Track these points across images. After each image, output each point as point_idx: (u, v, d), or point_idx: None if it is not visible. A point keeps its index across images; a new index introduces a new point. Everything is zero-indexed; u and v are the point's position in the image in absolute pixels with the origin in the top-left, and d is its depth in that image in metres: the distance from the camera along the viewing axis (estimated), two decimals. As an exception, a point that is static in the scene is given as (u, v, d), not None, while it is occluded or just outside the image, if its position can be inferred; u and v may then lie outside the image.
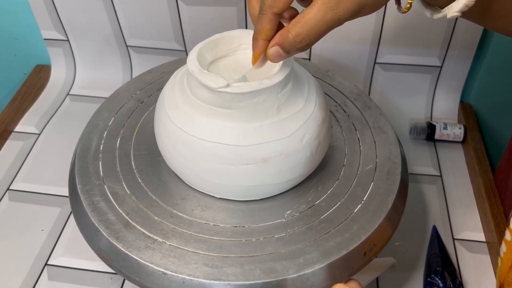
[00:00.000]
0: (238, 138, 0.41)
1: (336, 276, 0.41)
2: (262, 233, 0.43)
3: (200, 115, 0.41)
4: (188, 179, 0.46)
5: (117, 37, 0.81)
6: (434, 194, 0.68)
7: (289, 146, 0.42)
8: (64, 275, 0.58)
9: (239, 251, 0.41)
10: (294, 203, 0.46)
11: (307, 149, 0.43)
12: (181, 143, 0.42)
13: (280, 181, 0.44)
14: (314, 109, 0.44)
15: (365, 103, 0.57)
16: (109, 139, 0.51)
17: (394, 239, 0.62)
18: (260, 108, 0.41)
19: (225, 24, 0.75)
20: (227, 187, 0.44)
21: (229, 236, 0.42)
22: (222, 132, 0.41)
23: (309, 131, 0.43)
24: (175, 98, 0.44)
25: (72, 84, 0.85)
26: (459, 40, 0.73)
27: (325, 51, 0.77)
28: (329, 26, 0.34)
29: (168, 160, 0.46)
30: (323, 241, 0.42)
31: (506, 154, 0.64)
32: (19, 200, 0.66)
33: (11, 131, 0.77)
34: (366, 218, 0.44)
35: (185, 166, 0.44)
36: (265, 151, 0.41)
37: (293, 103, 0.42)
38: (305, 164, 0.44)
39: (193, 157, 0.42)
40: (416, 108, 0.80)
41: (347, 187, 0.47)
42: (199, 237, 0.42)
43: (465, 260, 0.60)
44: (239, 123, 0.41)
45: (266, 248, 0.41)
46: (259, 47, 0.37)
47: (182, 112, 0.42)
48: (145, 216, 0.44)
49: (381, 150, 0.51)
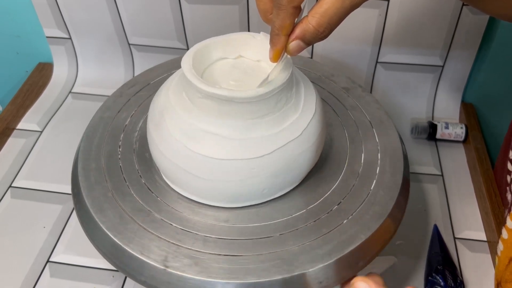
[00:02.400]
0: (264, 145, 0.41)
1: (341, 273, 0.41)
2: (271, 231, 0.43)
3: (228, 132, 0.41)
4: (206, 197, 0.45)
5: (119, 36, 0.81)
6: (435, 193, 0.68)
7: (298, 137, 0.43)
8: (65, 272, 0.58)
9: (246, 250, 0.41)
10: (297, 203, 0.46)
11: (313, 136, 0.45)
12: (201, 167, 0.41)
13: (283, 180, 0.45)
14: (313, 106, 0.45)
15: (368, 101, 0.57)
16: (111, 137, 0.51)
17: (395, 238, 0.62)
18: (279, 104, 0.42)
19: (227, 23, 0.75)
20: (250, 194, 0.44)
21: (238, 235, 0.42)
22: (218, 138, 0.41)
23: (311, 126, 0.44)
24: (192, 125, 0.42)
25: (74, 82, 0.85)
26: (460, 40, 0.73)
27: (327, 51, 0.77)
28: (348, 11, 0.35)
29: (187, 185, 0.45)
30: (324, 241, 0.42)
31: (501, 152, 0.64)
32: (21, 197, 0.67)
33: (13, 128, 0.77)
34: (368, 217, 0.44)
35: (208, 187, 0.43)
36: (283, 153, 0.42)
37: (291, 100, 0.43)
38: (315, 150, 0.45)
39: (216, 177, 0.42)
40: (418, 108, 0.80)
41: (349, 187, 0.48)
42: (206, 237, 0.42)
43: (466, 259, 0.60)
44: (271, 129, 0.41)
45: (273, 245, 0.41)
46: (280, 43, 0.37)
47: (211, 138, 0.41)
48: (147, 214, 0.44)
49: (383, 149, 0.51)
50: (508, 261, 0.42)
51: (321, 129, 0.45)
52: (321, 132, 0.45)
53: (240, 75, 0.44)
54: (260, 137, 0.41)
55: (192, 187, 0.44)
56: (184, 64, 0.42)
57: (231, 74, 0.44)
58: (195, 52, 0.43)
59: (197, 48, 0.44)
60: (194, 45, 0.44)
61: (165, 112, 0.43)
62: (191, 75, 0.40)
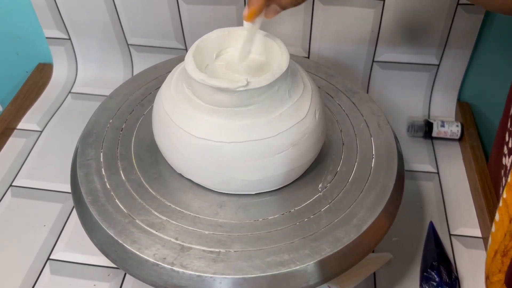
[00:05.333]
0: (266, 130, 0.42)
1: (332, 269, 0.42)
2: (265, 227, 0.44)
3: (222, 119, 0.42)
4: (213, 185, 0.46)
5: (118, 36, 0.82)
6: (431, 190, 0.69)
7: (309, 124, 0.44)
8: (65, 269, 0.59)
9: (241, 246, 0.42)
10: (292, 199, 0.47)
11: (320, 124, 0.46)
12: (208, 152, 0.42)
13: (305, 160, 0.46)
14: (311, 85, 0.46)
15: (364, 100, 0.58)
16: (110, 135, 0.52)
17: (391, 235, 0.63)
18: (276, 97, 0.42)
19: (225, 23, 0.76)
20: (263, 181, 0.45)
21: (229, 231, 0.43)
22: (248, 129, 0.42)
23: (317, 106, 0.45)
24: (186, 109, 0.43)
25: (73, 82, 0.86)
26: (456, 39, 0.73)
27: (324, 50, 0.78)
28: None
29: (192, 173, 0.46)
30: (318, 236, 0.43)
31: (494, 148, 0.64)
32: (22, 196, 0.67)
33: (14, 128, 0.78)
34: (362, 213, 0.45)
35: (214, 175, 0.44)
36: (292, 136, 0.43)
37: (296, 86, 0.45)
38: (320, 141, 0.47)
39: (224, 162, 0.43)
40: (414, 106, 0.81)
41: (343, 183, 0.48)
42: (200, 232, 0.43)
43: (461, 255, 0.61)
44: (262, 117, 0.42)
45: (264, 241, 0.42)
46: (258, 3, 0.39)
47: (207, 122, 0.42)
48: (145, 210, 0.44)
49: (378, 146, 0.52)
50: (493, 254, 0.42)
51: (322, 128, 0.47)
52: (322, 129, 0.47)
53: (242, 68, 0.46)
54: (280, 114, 0.42)
55: (197, 174, 0.45)
56: (187, 57, 0.44)
57: (232, 67, 0.46)
58: (199, 43, 0.45)
59: (203, 39, 0.46)
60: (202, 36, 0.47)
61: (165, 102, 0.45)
62: (191, 68, 0.42)
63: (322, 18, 0.73)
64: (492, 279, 0.43)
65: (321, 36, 0.76)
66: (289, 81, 0.43)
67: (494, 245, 0.42)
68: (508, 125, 0.47)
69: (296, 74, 0.45)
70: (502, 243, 0.40)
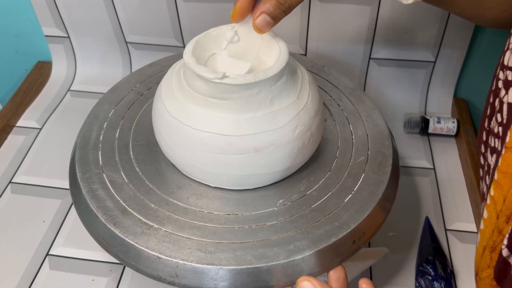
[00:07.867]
0: (231, 128, 0.42)
1: (326, 262, 0.42)
2: (254, 221, 0.44)
3: (195, 105, 0.42)
4: (184, 168, 0.47)
5: (117, 34, 0.82)
6: (427, 186, 0.69)
7: (281, 137, 0.43)
8: (64, 264, 0.60)
9: (232, 238, 0.42)
10: (286, 192, 0.47)
11: (299, 141, 0.44)
12: (176, 133, 0.44)
13: (272, 171, 0.45)
14: (307, 102, 0.45)
15: (359, 97, 0.58)
16: (109, 129, 0.53)
17: (387, 230, 0.63)
18: (254, 100, 0.42)
19: (223, 21, 0.76)
20: (220, 176, 0.45)
21: (223, 223, 0.44)
22: (216, 122, 0.42)
23: (301, 123, 0.44)
24: (171, 89, 0.45)
25: (72, 80, 0.87)
26: (452, 36, 0.74)
27: (321, 47, 0.78)
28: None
29: (164, 149, 0.47)
30: (313, 229, 0.43)
31: (477, 147, 0.65)
32: (21, 192, 0.68)
33: (13, 125, 0.78)
34: (356, 207, 0.45)
35: (181, 156, 0.45)
36: (257, 141, 0.42)
37: (286, 96, 0.43)
38: (297, 155, 0.45)
39: (188, 146, 0.43)
40: (411, 103, 0.81)
41: (339, 178, 0.49)
42: (193, 223, 0.43)
43: (457, 250, 0.62)
44: (233, 114, 0.42)
45: (258, 235, 0.42)
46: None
47: (178, 102, 0.44)
48: (141, 203, 0.45)
49: (373, 143, 0.52)
50: (482, 251, 0.43)
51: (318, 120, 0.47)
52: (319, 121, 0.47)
53: (239, 63, 0.46)
54: (252, 117, 0.42)
55: (195, 168, 0.46)
56: (186, 51, 0.44)
57: (234, 63, 0.46)
58: (198, 38, 0.45)
59: (202, 35, 0.46)
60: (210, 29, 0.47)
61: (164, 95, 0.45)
62: (186, 50, 0.43)
63: (319, 15, 0.74)
64: (482, 275, 0.43)
65: (318, 34, 0.76)
66: (275, 89, 0.42)
67: (483, 241, 0.42)
68: (485, 125, 0.47)
69: (294, 86, 0.44)
70: (490, 239, 0.41)
